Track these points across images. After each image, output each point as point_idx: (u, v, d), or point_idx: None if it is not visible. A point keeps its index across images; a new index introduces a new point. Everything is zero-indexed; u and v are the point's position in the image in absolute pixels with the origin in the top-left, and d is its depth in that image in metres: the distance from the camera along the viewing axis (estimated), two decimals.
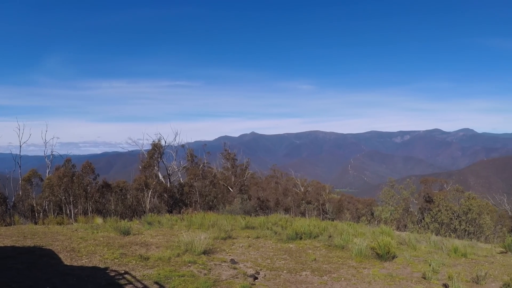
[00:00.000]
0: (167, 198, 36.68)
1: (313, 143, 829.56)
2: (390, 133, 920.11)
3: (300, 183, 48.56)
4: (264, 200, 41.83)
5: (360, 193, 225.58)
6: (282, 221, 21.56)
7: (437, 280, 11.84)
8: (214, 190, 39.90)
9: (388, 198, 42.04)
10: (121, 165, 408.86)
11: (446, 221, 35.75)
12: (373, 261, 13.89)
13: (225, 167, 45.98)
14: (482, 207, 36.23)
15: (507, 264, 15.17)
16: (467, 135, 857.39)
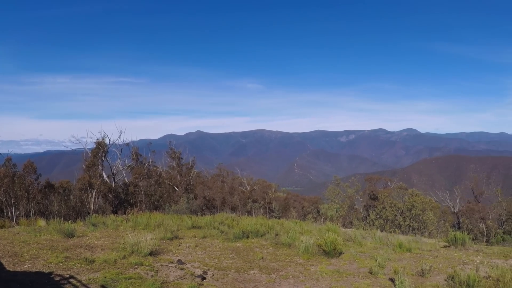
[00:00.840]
0: (112, 198, 36.06)
1: (259, 142, 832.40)
2: (335, 133, 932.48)
3: (246, 182, 48.58)
4: (210, 199, 41.67)
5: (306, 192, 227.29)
6: (228, 220, 21.55)
7: (384, 275, 12.08)
8: (160, 190, 39.47)
9: (333, 196, 42.56)
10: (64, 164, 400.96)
11: (390, 217, 36.45)
12: (320, 258, 14.02)
13: (171, 166, 45.51)
14: (426, 204, 37.11)
15: (450, 258, 15.58)
16: (411, 135, 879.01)
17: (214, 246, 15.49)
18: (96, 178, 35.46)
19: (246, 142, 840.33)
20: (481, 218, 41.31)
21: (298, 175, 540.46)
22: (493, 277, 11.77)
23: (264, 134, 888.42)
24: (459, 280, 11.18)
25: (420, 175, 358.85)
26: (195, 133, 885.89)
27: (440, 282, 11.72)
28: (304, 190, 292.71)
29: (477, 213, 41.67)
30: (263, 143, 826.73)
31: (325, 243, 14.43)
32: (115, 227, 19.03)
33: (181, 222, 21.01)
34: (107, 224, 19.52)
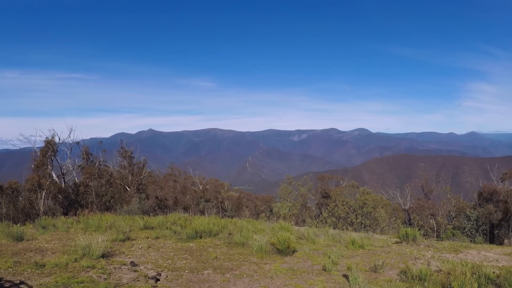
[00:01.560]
0: (62, 199, 35.31)
1: (211, 140, 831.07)
2: (288, 132, 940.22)
3: (199, 181, 48.22)
4: (162, 199, 41.23)
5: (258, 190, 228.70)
6: (181, 220, 21.37)
7: (337, 271, 12.21)
8: (111, 190, 38.85)
9: (286, 194, 42.78)
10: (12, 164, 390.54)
11: (343, 215, 36.87)
12: (274, 257, 14.06)
13: (122, 165, 44.73)
14: (377, 201, 37.68)
15: (402, 253, 15.91)
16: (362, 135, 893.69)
17: (167, 247, 15.34)
18: (46, 178, 34.67)
19: (198, 141, 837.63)
20: (431, 215, 42.19)
21: (250, 174, 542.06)
22: (444, 271, 12.04)
23: (216, 133, 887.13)
24: (411, 274, 11.44)
25: (372, 173, 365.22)
26: (147, 131, 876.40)
27: (393, 277, 11.95)
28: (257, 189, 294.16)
29: (427, 210, 42.52)
30: (216, 142, 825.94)
31: (279, 241, 14.48)
32: (65, 229, 18.61)
33: (133, 223, 20.71)
34: (58, 226, 19.08)
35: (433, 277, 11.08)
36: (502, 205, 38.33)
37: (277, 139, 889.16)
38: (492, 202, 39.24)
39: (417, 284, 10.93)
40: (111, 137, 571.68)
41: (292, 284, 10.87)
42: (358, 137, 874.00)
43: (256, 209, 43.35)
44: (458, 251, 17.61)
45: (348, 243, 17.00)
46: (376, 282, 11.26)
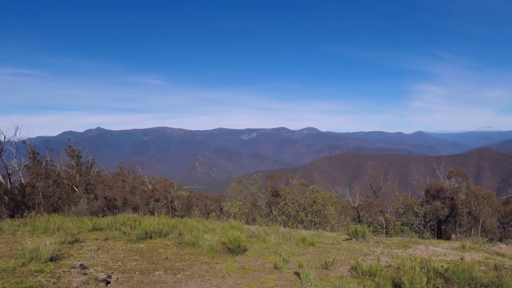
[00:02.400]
0: (8, 201, 34.34)
1: (160, 139, 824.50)
2: (238, 131, 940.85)
3: (148, 180, 47.82)
4: (111, 200, 40.67)
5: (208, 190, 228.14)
6: (131, 221, 21.05)
7: (289, 269, 12.32)
8: (59, 191, 38.00)
9: (236, 193, 42.81)
10: None
11: (293, 213, 37.10)
12: (225, 256, 14.01)
13: (70, 165, 43.76)
14: (326, 199, 38.08)
15: (352, 250, 16.13)
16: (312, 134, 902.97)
17: (117, 248, 15.08)
18: None
19: (147, 139, 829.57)
20: (380, 212, 42.94)
21: (200, 173, 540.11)
22: (394, 266, 12.34)
23: (166, 132, 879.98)
24: (361, 270, 11.64)
25: (321, 172, 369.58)
26: (95, 130, 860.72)
27: (343, 273, 12.12)
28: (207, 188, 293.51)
29: (376, 207, 43.25)
30: (165, 141, 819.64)
31: (229, 240, 14.45)
32: (12, 232, 18.06)
33: (81, 224, 20.27)
34: (4, 229, 18.50)
35: (383, 273, 11.35)
36: (449, 201, 39.36)
37: (227, 138, 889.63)
38: (439, 199, 40.22)
39: (368, 279, 11.12)
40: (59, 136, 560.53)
41: (244, 283, 10.86)
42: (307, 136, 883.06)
43: (206, 208, 43.28)
44: (407, 246, 17.96)
45: (298, 241, 17.11)
46: (328, 278, 11.41)
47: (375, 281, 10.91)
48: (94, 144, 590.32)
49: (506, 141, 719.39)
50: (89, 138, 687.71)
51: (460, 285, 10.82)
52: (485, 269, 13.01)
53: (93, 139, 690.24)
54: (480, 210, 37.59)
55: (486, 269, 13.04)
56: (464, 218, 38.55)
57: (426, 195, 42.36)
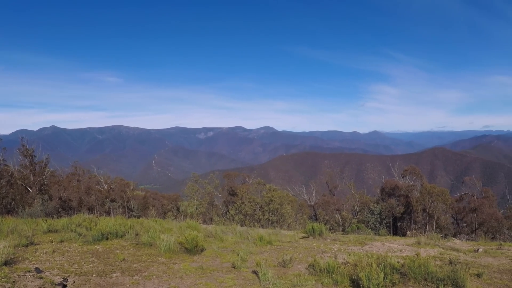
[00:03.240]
0: None
1: (116, 138, 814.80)
2: (194, 129, 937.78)
3: (104, 180, 47.13)
4: (66, 200, 39.98)
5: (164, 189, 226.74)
6: (86, 222, 20.71)
7: (247, 268, 12.29)
8: (12, 191, 37.18)
9: (192, 192, 42.65)
10: None
11: (250, 212, 37.13)
12: (183, 256, 13.91)
13: (23, 164, 42.80)
14: (283, 198, 38.24)
15: (309, 247, 16.24)
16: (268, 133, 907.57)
17: (73, 251, 14.80)
18: None
19: (103, 138, 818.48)
20: (337, 210, 43.37)
21: (156, 172, 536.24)
22: (351, 263, 12.45)
23: (121, 130, 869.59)
24: (319, 267, 11.70)
25: (277, 171, 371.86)
26: (49, 128, 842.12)
27: (301, 270, 12.17)
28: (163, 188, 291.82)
29: (332, 205, 43.68)
30: (121, 139, 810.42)
31: (187, 240, 14.35)
32: None
33: (36, 226, 19.83)
34: None
35: (341, 269, 11.48)
36: (404, 199, 40.05)
37: (183, 136, 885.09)
38: (394, 196, 40.89)
39: (326, 276, 11.21)
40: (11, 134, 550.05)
41: (202, 283, 10.79)
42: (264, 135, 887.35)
43: (163, 208, 42.96)
44: (364, 243, 18.19)
45: (256, 239, 17.12)
46: (286, 276, 11.43)
47: (333, 278, 11.01)
48: (48, 143, 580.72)
49: (459, 141, 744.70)
50: (43, 136, 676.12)
51: (416, 280, 11.01)
52: (440, 264, 13.25)
53: (47, 138, 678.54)
54: (435, 207, 38.37)
55: (441, 264, 13.28)
56: (419, 215, 39.29)
57: (382, 193, 42.98)
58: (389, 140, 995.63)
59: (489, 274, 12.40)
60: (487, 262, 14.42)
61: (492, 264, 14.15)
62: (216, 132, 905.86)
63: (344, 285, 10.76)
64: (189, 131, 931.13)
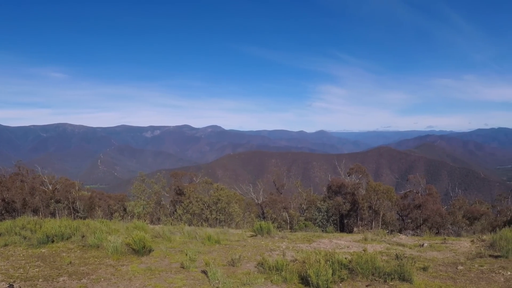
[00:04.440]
0: None
1: (61, 136, 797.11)
2: (141, 128, 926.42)
3: (48, 180, 46.01)
4: (9, 202, 38.97)
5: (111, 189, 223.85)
6: (31, 224, 20.21)
7: (196, 268, 12.28)
8: None
9: (139, 192, 42.18)
10: None
11: (197, 211, 37.00)
12: (131, 257, 13.77)
13: None
14: (231, 197, 38.27)
15: (258, 246, 16.33)
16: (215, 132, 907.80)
17: (17, 255, 14.43)
18: None
19: (47, 136, 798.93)
20: (284, 208, 43.66)
21: (102, 172, 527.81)
22: (299, 260, 12.60)
23: (66, 128, 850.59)
24: (268, 265, 11.80)
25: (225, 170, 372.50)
26: None
27: (251, 269, 12.25)
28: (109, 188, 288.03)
29: (279, 204, 43.94)
30: (66, 138, 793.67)
31: (134, 241, 14.20)
32: None
33: None
34: None
35: (290, 267, 11.60)
36: (350, 197, 40.65)
37: (129, 135, 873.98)
38: (341, 194, 41.45)
39: (275, 274, 11.32)
40: None
41: (151, 285, 10.74)
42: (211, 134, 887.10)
43: (109, 208, 42.32)
44: (311, 240, 18.41)
45: (204, 239, 17.10)
46: (235, 275, 11.50)
47: (282, 276, 11.13)
48: None
49: (404, 140, 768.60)
50: None
51: (364, 275, 11.25)
52: (387, 259, 13.60)
53: None
54: (380, 204, 39.09)
55: (388, 259, 13.64)
56: (365, 212, 39.95)
57: (328, 191, 43.45)
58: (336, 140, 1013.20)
59: (435, 267, 12.88)
60: (432, 256, 14.91)
61: (437, 257, 14.63)
62: (163, 130, 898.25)
63: (293, 282, 10.90)
64: (135, 129, 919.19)
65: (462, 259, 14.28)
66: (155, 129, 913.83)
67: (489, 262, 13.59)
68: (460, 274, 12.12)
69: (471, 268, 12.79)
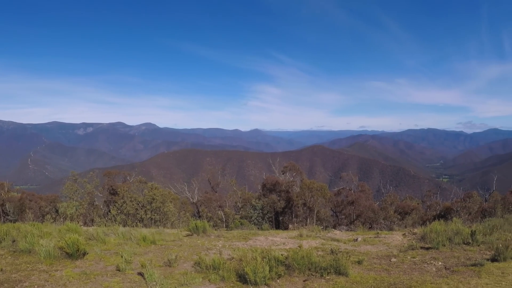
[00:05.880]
0: None
1: None
2: (73, 125, 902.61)
3: None
4: None
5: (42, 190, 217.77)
6: None
7: (132, 270, 12.07)
8: None
9: (72, 193, 41.23)
10: None
11: (132, 211, 36.52)
12: (65, 262, 13.37)
13: None
14: (165, 196, 37.97)
15: (194, 245, 16.26)
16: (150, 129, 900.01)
17: None
18: None
19: None
20: (219, 206, 43.74)
21: (33, 171, 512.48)
22: (236, 258, 12.67)
23: None
24: (205, 265, 11.82)
25: (159, 168, 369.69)
26: None
27: (188, 269, 12.19)
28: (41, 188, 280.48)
29: (215, 202, 44.00)
30: None
31: (67, 244, 13.81)
32: None
33: None
34: None
35: (227, 265, 11.67)
36: (284, 194, 41.13)
37: (61, 132, 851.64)
38: (275, 192, 41.88)
39: (212, 273, 11.34)
40: None
41: None
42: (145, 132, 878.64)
43: (41, 210, 41.20)
44: (247, 238, 18.49)
45: (139, 240, 16.86)
46: (172, 276, 11.41)
47: (220, 274, 11.15)
48: None
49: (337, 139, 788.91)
50: None
51: (301, 270, 11.46)
52: (322, 254, 13.90)
53: None
54: (315, 201, 39.73)
55: (324, 254, 13.95)
56: (299, 209, 40.52)
57: (263, 189, 43.80)
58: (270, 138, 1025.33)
59: (369, 260, 13.29)
60: (366, 250, 15.33)
61: (371, 251, 15.04)
62: (96, 128, 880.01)
63: (231, 280, 10.93)
64: (67, 126, 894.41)
65: (395, 252, 14.77)
66: (88, 126, 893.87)
67: (421, 253, 14.22)
68: (393, 266, 12.62)
69: (404, 260, 13.32)
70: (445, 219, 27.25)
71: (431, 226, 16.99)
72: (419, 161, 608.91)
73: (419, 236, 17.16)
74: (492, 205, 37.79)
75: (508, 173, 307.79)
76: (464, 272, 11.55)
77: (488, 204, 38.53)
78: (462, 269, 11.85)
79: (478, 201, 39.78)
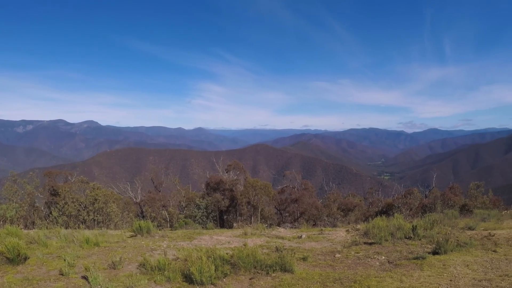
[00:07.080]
0: None
1: None
2: (12, 122, 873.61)
3: None
4: None
5: None
6: None
7: (76, 274, 11.82)
8: None
9: (11, 194, 40.16)
10: None
11: (74, 213, 35.90)
12: (5, 267, 12.99)
13: None
14: (108, 196, 37.49)
15: (138, 246, 16.11)
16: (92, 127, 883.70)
17: None
18: None
19: None
20: (163, 206, 43.45)
21: None
22: (181, 258, 12.70)
23: None
24: (150, 266, 11.76)
25: (101, 167, 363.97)
26: None
27: (133, 271, 12.07)
28: None
29: (158, 202, 43.67)
30: None
31: (7, 249, 13.43)
32: None
33: None
34: None
35: (172, 266, 11.66)
36: (228, 193, 41.24)
37: None
38: (219, 191, 41.95)
39: (158, 274, 11.30)
40: None
41: None
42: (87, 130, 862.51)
43: None
44: (192, 238, 18.49)
45: (82, 242, 16.58)
46: (117, 278, 11.28)
47: (165, 275, 11.12)
48: None
49: (280, 138, 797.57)
50: None
51: (246, 268, 11.57)
52: (267, 252, 14.05)
53: None
54: (259, 200, 39.99)
55: (269, 252, 14.11)
56: (244, 207, 40.70)
57: (207, 188, 43.79)
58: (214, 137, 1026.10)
59: (314, 257, 13.56)
60: (311, 246, 15.61)
61: (316, 247, 15.33)
62: (36, 125, 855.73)
63: (177, 281, 10.92)
64: (5, 123, 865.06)
65: (339, 248, 15.10)
66: (28, 123, 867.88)
67: (364, 248, 14.60)
68: (338, 262, 12.92)
69: (348, 255, 13.65)
70: (387, 215, 28.01)
71: (374, 222, 17.40)
72: (361, 159, 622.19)
73: (362, 232, 17.57)
74: (432, 201, 38.84)
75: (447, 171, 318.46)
76: (407, 266, 11.94)
77: (428, 200, 39.57)
78: (405, 263, 12.26)
79: (418, 197, 40.91)
